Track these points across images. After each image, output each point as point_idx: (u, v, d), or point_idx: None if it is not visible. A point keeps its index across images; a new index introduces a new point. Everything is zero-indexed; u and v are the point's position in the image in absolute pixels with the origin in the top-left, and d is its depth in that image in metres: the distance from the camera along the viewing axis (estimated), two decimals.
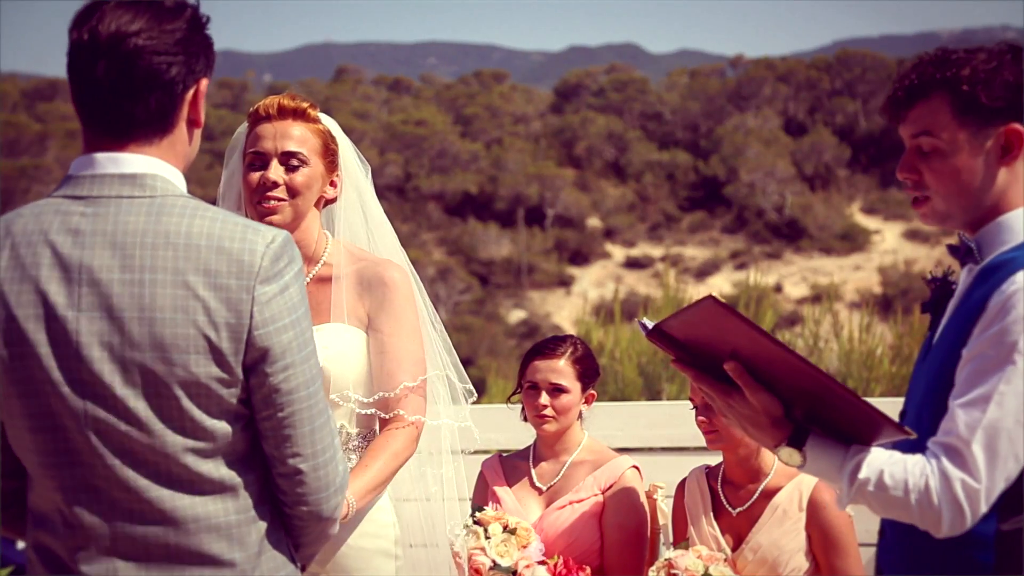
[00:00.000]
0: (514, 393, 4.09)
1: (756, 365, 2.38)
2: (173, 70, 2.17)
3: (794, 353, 2.33)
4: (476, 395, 3.54)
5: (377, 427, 3.24)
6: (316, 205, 3.24)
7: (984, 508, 2.25)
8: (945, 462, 2.25)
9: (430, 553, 3.49)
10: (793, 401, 2.41)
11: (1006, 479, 2.25)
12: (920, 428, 2.36)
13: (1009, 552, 2.29)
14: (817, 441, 2.38)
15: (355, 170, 3.37)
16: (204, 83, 2.25)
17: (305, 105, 3.22)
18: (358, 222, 3.39)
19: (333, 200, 3.29)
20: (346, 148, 3.34)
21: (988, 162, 2.37)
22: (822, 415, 2.39)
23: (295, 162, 3.17)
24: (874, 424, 2.33)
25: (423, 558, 3.44)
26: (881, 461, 2.31)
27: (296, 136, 3.18)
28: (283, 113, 3.20)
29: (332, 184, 3.26)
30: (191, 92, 2.22)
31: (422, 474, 3.48)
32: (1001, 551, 2.29)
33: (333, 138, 3.26)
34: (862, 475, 2.31)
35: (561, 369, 3.91)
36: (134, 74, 2.15)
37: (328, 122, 3.29)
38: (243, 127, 3.28)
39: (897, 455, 2.32)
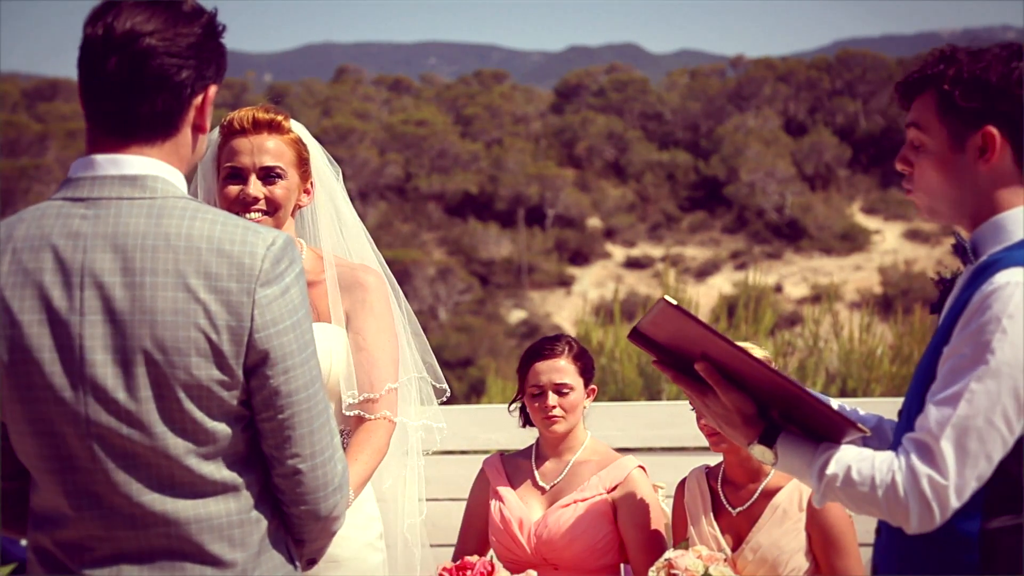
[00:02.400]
0: (515, 400, 4.09)
1: (725, 365, 2.44)
2: (183, 73, 2.17)
3: (749, 354, 2.40)
4: (449, 392, 3.57)
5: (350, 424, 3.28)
6: (291, 213, 3.30)
7: (954, 505, 2.26)
8: (914, 458, 2.28)
9: (392, 554, 3.52)
10: (767, 402, 2.46)
11: (978, 478, 2.27)
12: (909, 425, 2.38)
13: (993, 551, 2.30)
14: (788, 439, 2.43)
15: (326, 174, 3.43)
16: (213, 90, 2.25)
17: (280, 118, 3.27)
18: (332, 226, 3.44)
19: (304, 205, 3.35)
20: (316, 153, 3.39)
21: (967, 162, 2.40)
22: (794, 415, 2.44)
23: (273, 176, 3.22)
24: (833, 424, 2.38)
25: (392, 556, 3.48)
26: (849, 458, 2.35)
27: (272, 150, 3.23)
28: (258, 127, 3.24)
29: (306, 191, 3.33)
30: (199, 98, 2.22)
31: (398, 475, 3.52)
32: (985, 550, 2.30)
33: (304, 146, 3.32)
34: (830, 472, 2.35)
35: (563, 368, 3.93)
36: (144, 73, 2.15)
37: (298, 129, 3.34)
38: (215, 134, 3.30)
39: (867, 452, 2.36)
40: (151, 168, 2.19)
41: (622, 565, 3.97)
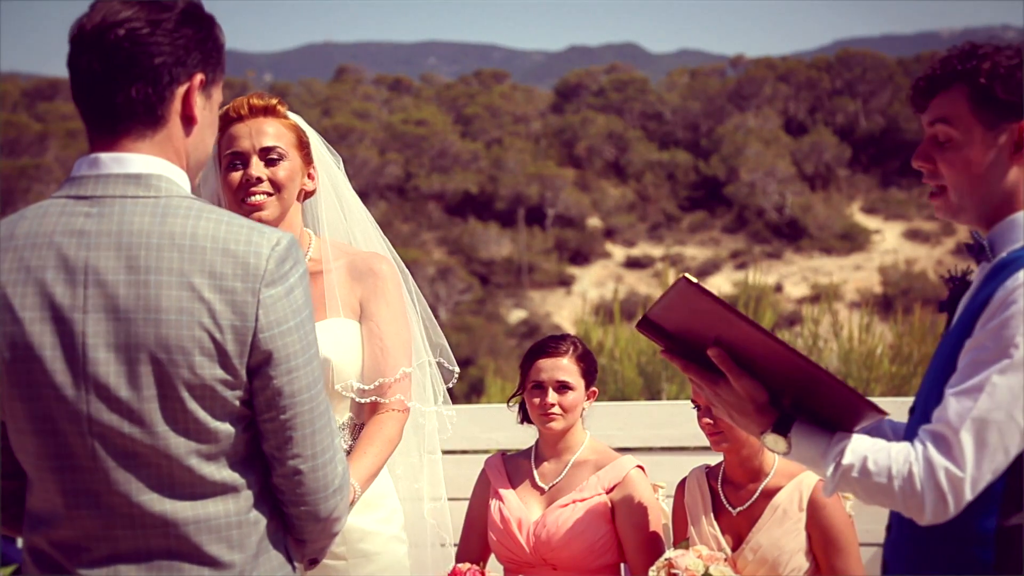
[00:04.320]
0: (515, 395, 4.09)
1: (739, 351, 2.41)
2: (156, 60, 2.15)
3: (770, 334, 2.36)
4: (459, 372, 3.57)
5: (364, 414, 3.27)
6: (297, 198, 3.29)
7: (968, 497, 2.26)
8: (931, 449, 2.27)
9: (417, 551, 3.51)
10: (780, 388, 2.43)
11: (993, 471, 2.27)
12: (925, 419, 2.37)
13: (1010, 549, 2.29)
14: (802, 428, 2.41)
15: (327, 162, 3.42)
16: (198, 78, 2.21)
17: (274, 102, 3.27)
18: (336, 214, 3.44)
19: (312, 192, 3.34)
20: (316, 142, 3.38)
21: (1000, 157, 2.39)
22: (807, 402, 2.42)
23: (275, 156, 3.21)
24: (853, 406, 2.35)
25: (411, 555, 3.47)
26: (865, 448, 2.34)
27: (271, 132, 3.23)
28: (254, 112, 3.24)
29: (310, 176, 3.32)
30: (183, 87, 2.20)
31: (412, 469, 3.50)
32: (1001, 548, 2.30)
33: (304, 132, 3.32)
34: (846, 461, 2.33)
35: (566, 367, 3.93)
36: (114, 63, 2.14)
37: (295, 118, 3.33)
38: None
39: (882, 442, 2.35)
40: (155, 167, 2.19)
41: (622, 565, 3.97)
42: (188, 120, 2.23)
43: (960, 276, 2.53)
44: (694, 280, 2.37)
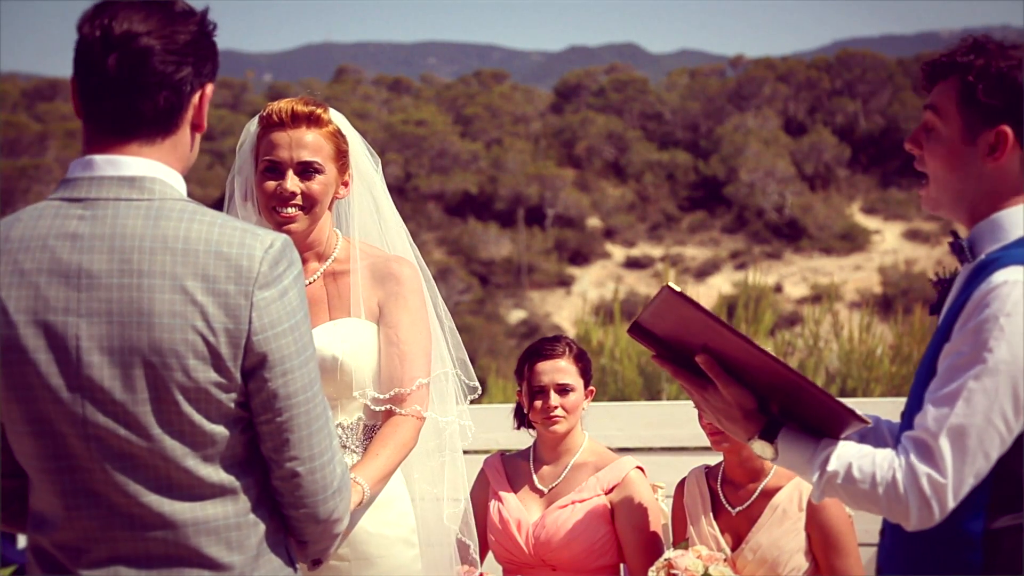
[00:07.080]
0: (518, 403, 4.07)
1: (726, 358, 2.42)
2: (183, 71, 2.18)
3: (753, 343, 2.38)
4: (480, 390, 3.53)
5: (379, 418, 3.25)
6: (328, 207, 3.27)
7: (952, 503, 2.27)
8: (913, 456, 2.28)
9: (432, 552, 3.48)
10: (768, 395, 2.45)
11: (975, 476, 2.27)
12: (910, 425, 2.38)
13: (997, 551, 2.31)
14: (789, 435, 2.43)
15: (365, 165, 3.39)
16: (209, 88, 2.26)
17: (319, 111, 3.23)
18: (370, 218, 3.41)
19: (342, 198, 3.32)
20: (356, 143, 3.35)
21: (975, 156, 2.39)
22: (794, 409, 2.44)
23: (311, 171, 3.20)
24: (837, 415, 2.37)
25: (425, 557, 3.43)
26: (850, 454, 2.35)
27: (311, 144, 3.20)
28: (296, 120, 3.21)
29: (344, 184, 3.29)
30: (197, 96, 2.23)
31: (431, 472, 3.46)
32: (989, 550, 2.31)
33: (344, 137, 3.28)
34: (831, 468, 2.35)
35: (565, 368, 3.93)
36: (145, 71, 2.15)
37: (337, 119, 3.30)
38: (254, 125, 3.29)
39: (867, 448, 2.36)
40: (149, 169, 2.19)
41: (621, 566, 3.97)
42: (196, 127, 2.26)
43: (948, 278, 2.52)
44: (677, 288, 2.39)
